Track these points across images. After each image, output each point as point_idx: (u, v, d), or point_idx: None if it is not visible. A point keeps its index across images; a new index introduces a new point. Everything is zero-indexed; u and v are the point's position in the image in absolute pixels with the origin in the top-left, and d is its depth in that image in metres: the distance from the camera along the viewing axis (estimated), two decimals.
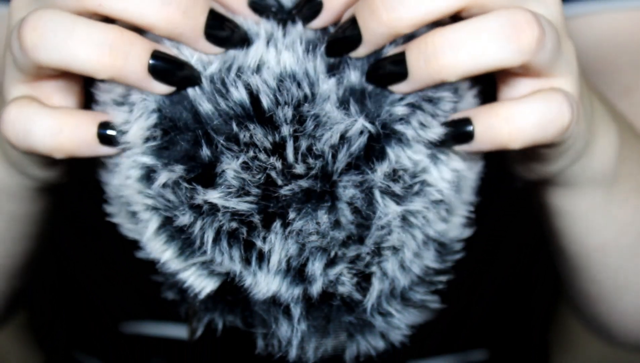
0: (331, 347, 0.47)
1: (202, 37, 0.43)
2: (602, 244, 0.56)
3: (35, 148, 0.44)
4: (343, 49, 0.44)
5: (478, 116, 0.44)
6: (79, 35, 0.42)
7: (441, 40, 0.42)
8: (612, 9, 0.70)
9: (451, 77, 0.42)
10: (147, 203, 0.45)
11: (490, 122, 0.43)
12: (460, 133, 0.44)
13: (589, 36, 0.71)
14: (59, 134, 0.43)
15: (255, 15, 0.45)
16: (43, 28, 0.42)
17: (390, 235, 0.45)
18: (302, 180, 0.43)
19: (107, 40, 0.42)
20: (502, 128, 0.43)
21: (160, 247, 0.46)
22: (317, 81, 0.43)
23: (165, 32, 0.43)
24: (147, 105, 0.44)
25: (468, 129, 0.44)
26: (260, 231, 0.44)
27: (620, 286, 0.60)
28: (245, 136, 0.43)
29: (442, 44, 0.42)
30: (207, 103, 0.43)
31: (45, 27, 0.42)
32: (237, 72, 0.43)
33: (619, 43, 0.71)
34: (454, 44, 0.41)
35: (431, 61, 0.42)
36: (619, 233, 0.56)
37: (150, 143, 0.44)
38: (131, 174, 0.45)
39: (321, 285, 0.45)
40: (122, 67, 0.42)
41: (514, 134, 0.43)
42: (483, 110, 0.44)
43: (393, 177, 0.44)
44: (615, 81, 0.71)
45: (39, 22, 0.42)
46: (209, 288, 0.46)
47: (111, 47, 0.42)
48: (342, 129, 0.43)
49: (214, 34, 0.43)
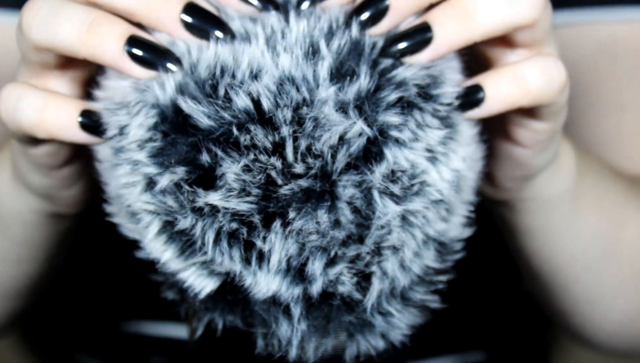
0: (331, 346, 0.47)
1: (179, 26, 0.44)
2: (570, 258, 0.59)
3: (20, 124, 0.46)
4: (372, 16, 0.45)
5: (487, 79, 0.46)
6: (64, 14, 0.44)
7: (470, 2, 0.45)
8: (615, 20, 0.71)
9: (478, 37, 0.45)
10: (148, 208, 0.45)
11: (500, 83, 0.46)
12: (472, 100, 0.46)
13: (588, 47, 0.72)
14: (42, 110, 0.45)
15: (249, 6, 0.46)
16: (37, 10, 0.45)
17: (390, 234, 0.45)
18: (302, 180, 0.43)
19: (88, 20, 0.44)
20: (512, 86, 0.46)
21: (160, 247, 0.46)
22: (317, 86, 0.43)
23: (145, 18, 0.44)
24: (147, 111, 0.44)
25: (479, 95, 0.46)
26: (260, 231, 0.44)
27: (592, 299, 0.62)
28: (245, 140, 0.43)
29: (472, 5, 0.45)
30: (207, 119, 0.43)
31: (39, 9, 0.45)
32: (232, 78, 0.43)
33: (616, 57, 0.71)
34: (481, 5, 0.45)
35: (461, 21, 0.45)
36: (585, 247, 0.58)
37: (150, 144, 0.44)
38: (131, 177, 0.45)
39: (321, 285, 0.45)
40: (99, 45, 0.44)
41: (524, 89, 0.46)
42: (490, 74, 0.46)
43: (392, 178, 0.44)
44: (608, 95, 0.72)
45: (35, 5, 0.45)
46: (209, 287, 0.46)
47: (90, 25, 0.44)
48: (341, 130, 0.43)
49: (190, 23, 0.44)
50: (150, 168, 0.44)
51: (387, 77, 0.44)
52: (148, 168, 0.44)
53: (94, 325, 0.77)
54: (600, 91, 0.72)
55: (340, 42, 0.44)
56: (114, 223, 0.48)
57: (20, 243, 0.57)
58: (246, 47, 0.44)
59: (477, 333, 0.78)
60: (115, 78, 0.46)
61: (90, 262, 0.75)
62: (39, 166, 0.50)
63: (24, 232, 0.56)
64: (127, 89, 0.45)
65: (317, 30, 0.45)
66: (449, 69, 0.47)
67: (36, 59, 0.46)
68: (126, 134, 0.45)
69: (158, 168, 0.44)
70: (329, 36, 0.45)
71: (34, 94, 0.46)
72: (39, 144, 0.48)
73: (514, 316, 0.80)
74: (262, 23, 0.45)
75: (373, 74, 0.44)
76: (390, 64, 0.44)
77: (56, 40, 0.44)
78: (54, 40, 0.44)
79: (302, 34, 0.44)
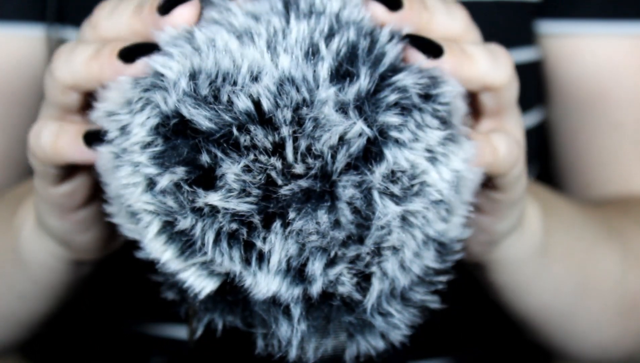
0: (331, 347, 0.47)
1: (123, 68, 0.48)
2: (541, 306, 0.63)
3: (43, 149, 0.49)
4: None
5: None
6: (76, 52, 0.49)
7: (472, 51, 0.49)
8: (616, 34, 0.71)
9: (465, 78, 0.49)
10: (148, 208, 0.45)
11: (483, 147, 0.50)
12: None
13: (589, 63, 0.73)
14: (57, 135, 0.49)
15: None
16: (60, 53, 0.50)
17: (390, 235, 0.45)
18: (302, 180, 0.43)
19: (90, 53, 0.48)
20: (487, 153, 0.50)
21: (160, 247, 0.46)
22: (317, 87, 0.43)
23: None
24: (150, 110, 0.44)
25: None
26: (260, 232, 0.44)
27: (567, 336, 0.66)
28: (245, 140, 0.43)
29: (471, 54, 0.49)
30: (207, 122, 0.43)
31: (61, 51, 0.50)
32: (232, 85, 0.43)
33: (615, 75, 0.72)
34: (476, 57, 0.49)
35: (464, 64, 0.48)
36: (555, 295, 0.62)
37: (151, 148, 0.44)
38: (132, 178, 0.45)
39: (321, 285, 0.45)
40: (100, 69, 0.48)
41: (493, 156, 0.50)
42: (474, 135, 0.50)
43: (391, 178, 0.44)
44: (605, 114, 0.73)
45: (61, 50, 0.50)
46: (208, 288, 0.46)
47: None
48: (341, 131, 0.43)
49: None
50: (150, 168, 0.44)
51: (387, 82, 0.44)
52: (148, 168, 0.44)
53: (94, 325, 0.77)
54: (596, 109, 0.73)
55: (340, 43, 0.44)
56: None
57: (41, 285, 0.60)
58: (246, 50, 0.44)
59: (476, 334, 0.78)
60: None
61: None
62: (56, 207, 0.52)
63: (45, 276, 0.59)
64: (127, 85, 0.45)
65: (317, 31, 0.45)
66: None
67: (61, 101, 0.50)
68: (128, 134, 0.45)
69: (158, 169, 0.44)
70: (329, 37, 0.45)
71: (51, 123, 0.50)
72: (57, 184, 0.51)
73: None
74: (264, 22, 0.45)
75: (373, 75, 0.44)
76: (390, 66, 0.45)
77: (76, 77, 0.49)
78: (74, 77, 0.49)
79: (302, 34, 0.44)
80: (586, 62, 0.72)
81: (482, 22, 0.72)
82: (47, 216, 0.54)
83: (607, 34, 0.71)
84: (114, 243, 0.57)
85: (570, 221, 0.63)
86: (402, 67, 0.45)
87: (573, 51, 0.72)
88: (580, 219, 0.64)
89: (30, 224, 0.57)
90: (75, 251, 0.56)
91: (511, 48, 0.73)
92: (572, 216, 0.64)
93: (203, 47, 0.45)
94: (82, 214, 0.53)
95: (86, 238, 0.55)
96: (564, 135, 0.77)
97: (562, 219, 0.62)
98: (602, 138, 0.73)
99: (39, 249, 0.57)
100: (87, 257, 0.57)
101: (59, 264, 0.57)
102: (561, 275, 0.62)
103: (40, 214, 0.54)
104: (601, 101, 0.73)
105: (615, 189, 0.74)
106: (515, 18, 0.72)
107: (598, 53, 0.72)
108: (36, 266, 0.58)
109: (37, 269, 0.58)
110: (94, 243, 0.55)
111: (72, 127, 0.49)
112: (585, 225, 0.65)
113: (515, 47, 0.73)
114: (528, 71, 0.75)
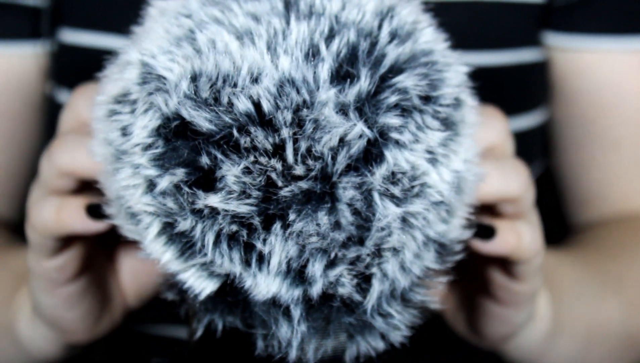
0: (331, 348, 0.47)
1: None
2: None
3: (45, 223, 0.52)
4: None
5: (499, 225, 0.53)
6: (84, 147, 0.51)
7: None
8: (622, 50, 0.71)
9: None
10: (148, 209, 0.45)
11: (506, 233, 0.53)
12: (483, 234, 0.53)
13: (593, 78, 0.73)
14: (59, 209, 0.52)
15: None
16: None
17: (391, 236, 0.45)
18: (302, 181, 0.43)
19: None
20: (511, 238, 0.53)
21: (160, 248, 0.45)
22: (317, 88, 0.43)
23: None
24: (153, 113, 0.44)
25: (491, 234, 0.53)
26: (260, 233, 0.44)
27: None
28: (246, 142, 0.43)
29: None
30: (208, 124, 0.43)
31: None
32: (233, 87, 0.43)
33: (619, 94, 0.73)
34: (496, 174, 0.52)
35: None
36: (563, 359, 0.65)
37: (152, 150, 0.44)
38: (132, 180, 0.45)
39: (321, 286, 0.45)
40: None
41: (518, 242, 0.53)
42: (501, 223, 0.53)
43: (392, 180, 0.44)
44: (606, 132, 0.73)
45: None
46: (208, 289, 0.46)
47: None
48: (341, 132, 0.43)
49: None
50: (150, 170, 0.44)
51: (387, 83, 0.44)
52: (149, 170, 0.44)
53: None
54: (597, 126, 0.74)
55: (340, 44, 0.44)
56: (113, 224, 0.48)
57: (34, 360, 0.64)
58: (246, 51, 0.44)
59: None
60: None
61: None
62: (48, 282, 0.55)
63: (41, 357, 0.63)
64: (129, 83, 0.45)
65: (318, 32, 0.45)
66: (449, 70, 0.47)
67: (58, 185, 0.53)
68: (129, 135, 0.45)
69: (158, 170, 0.44)
70: (329, 38, 0.45)
71: (52, 198, 0.53)
72: (51, 256, 0.54)
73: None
74: (265, 23, 0.45)
75: (373, 76, 0.44)
76: (390, 67, 0.44)
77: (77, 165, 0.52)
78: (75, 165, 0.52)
79: (303, 35, 0.44)
80: (591, 77, 0.73)
81: (487, 23, 0.72)
82: (39, 293, 0.56)
83: (612, 49, 0.72)
84: (100, 326, 0.59)
85: (574, 290, 0.66)
86: (402, 68, 0.45)
87: (579, 66, 0.73)
88: (583, 282, 0.66)
89: (27, 313, 0.60)
90: (66, 333, 0.58)
91: (517, 48, 0.73)
92: (575, 281, 0.66)
93: (204, 49, 0.44)
94: (70, 289, 0.55)
95: (74, 315, 0.57)
96: (566, 147, 0.77)
97: (566, 291, 0.65)
98: (602, 155, 0.74)
99: (35, 336, 0.61)
100: (76, 339, 0.59)
101: (53, 348, 0.61)
102: (568, 343, 0.64)
103: (33, 292, 0.57)
104: (602, 118, 0.73)
105: (614, 208, 0.75)
106: (521, 19, 0.72)
107: (603, 69, 0.72)
108: (32, 349, 0.62)
109: (33, 351, 0.62)
110: (81, 321, 0.58)
111: (74, 200, 0.52)
112: (588, 286, 0.67)
113: (521, 48, 0.73)
114: (533, 71, 0.75)
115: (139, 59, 0.46)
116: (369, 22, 0.46)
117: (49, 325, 0.59)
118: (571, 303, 0.65)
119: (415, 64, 0.46)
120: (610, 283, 0.68)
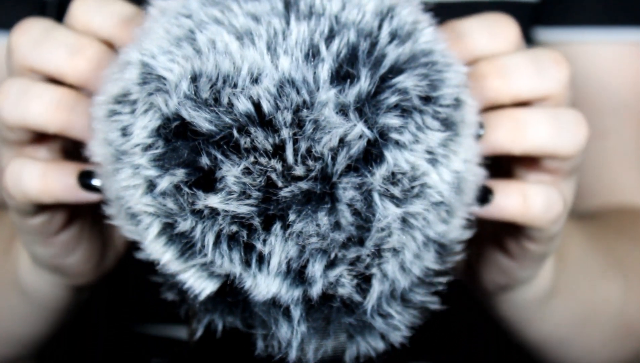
0: (331, 348, 0.47)
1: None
2: (541, 337, 0.64)
3: (27, 193, 0.49)
4: None
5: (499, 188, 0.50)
6: (32, 93, 0.48)
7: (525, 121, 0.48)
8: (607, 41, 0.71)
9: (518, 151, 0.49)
10: (148, 210, 0.45)
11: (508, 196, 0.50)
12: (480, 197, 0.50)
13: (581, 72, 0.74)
14: (44, 177, 0.49)
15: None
16: (7, 92, 0.49)
17: (391, 236, 0.45)
18: (302, 182, 0.43)
19: (55, 97, 0.48)
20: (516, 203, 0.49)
21: (160, 249, 0.46)
22: (317, 89, 0.43)
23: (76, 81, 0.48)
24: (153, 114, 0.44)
25: (488, 197, 0.50)
26: (260, 234, 0.44)
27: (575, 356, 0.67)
28: (246, 142, 0.43)
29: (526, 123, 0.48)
30: (208, 124, 0.43)
31: (8, 90, 0.49)
32: (233, 88, 0.43)
33: (606, 83, 0.73)
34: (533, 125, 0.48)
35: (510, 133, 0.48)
36: (555, 327, 0.64)
37: (152, 151, 0.44)
38: (133, 180, 0.45)
39: (321, 287, 0.45)
40: (68, 120, 0.48)
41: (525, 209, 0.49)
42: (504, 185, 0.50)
43: (392, 180, 0.44)
44: (592, 121, 0.73)
45: (4, 87, 0.49)
46: (208, 289, 0.46)
47: (59, 103, 0.48)
48: (341, 132, 0.43)
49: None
50: (150, 171, 0.44)
51: (387, 83, 0.44)
52: (149, 171, 0.44)
53: (94, 325, 0.77)
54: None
55: (340, 45, 0.44)
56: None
57: (43, 309, 0.62)
58: (246, 51, 0.44)
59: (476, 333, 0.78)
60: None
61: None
62: (37, 236, 0.53)
63: (47, 303, 0.60)
64: (129, 83, 0.45)
65: (318, 32, 0.45)
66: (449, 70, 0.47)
67: (12, 138, 0.50)
68: (129, 136, 0.45)
69: (158, 171, 0.44)
70: (329, 38, 0.45)
71: (32, 164, 0.49)
72: (33, 215, 0.51)
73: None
74: (265, 23, 0.45)
75: (373, 77, 0.44)
76: (390, 67, 0.45)
77: (28, 119, 0.48)
78: (26, 119, 0.48)
79: (303, 36, 0.44)
80: (578, 69, 0.72)
81: None
82: (32, 245, 0.54)
83: (599, 41, 0.72)
84: (105, 262, 0.58)
85: (578, 261, 0.64)
86: (402, 68, 0.45)
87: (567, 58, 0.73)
88: (587, 256, 0.65)
89: (26, 259, 0.58)
90: (70, 276, 0.57)
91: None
92: (580, 253, 0.65)
93: (204, 49, 0.44)
94: (65, 237, 0.54)
95: (75, 259, 0.55)
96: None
97: (571, 259, 0.63)
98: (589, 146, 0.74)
99: (38, 281, 0.58)
100: (83, 281, 0.57)
101: (59, 291, 0.59)
102: (563, 311, 0.63)
103: (26, 245, 0.55)
104: (589, 107, 0.73)
105: (601, 199, 0.75)
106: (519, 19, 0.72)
107: (589, 60, 0.72)
108: (37, 295, 0.60)
109: (39, 297, 0.60)
110: (84, 264, 0.56)
111: (61, 169, 0.49)
112: (592, 260, 0.65)
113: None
114: None
115: (139, 59, 0.46)
116: (369, 23, 0.46)
117: (52, 271, 0.56)
118: (574, 275, 0.63)
119: (415, 64, 0.46)
120: (616, 269, 0.67)
